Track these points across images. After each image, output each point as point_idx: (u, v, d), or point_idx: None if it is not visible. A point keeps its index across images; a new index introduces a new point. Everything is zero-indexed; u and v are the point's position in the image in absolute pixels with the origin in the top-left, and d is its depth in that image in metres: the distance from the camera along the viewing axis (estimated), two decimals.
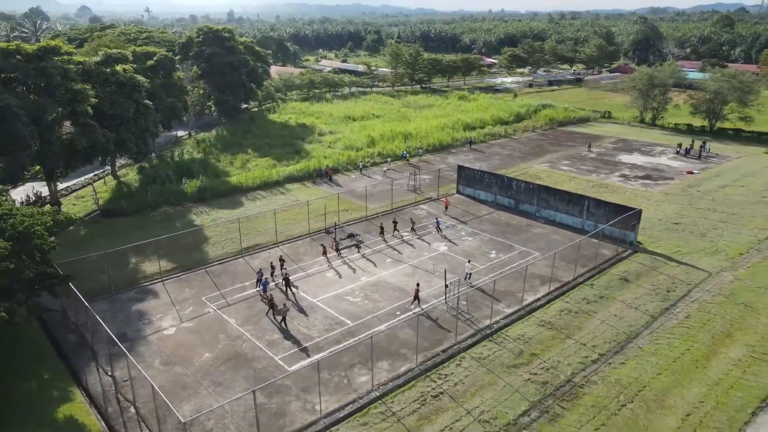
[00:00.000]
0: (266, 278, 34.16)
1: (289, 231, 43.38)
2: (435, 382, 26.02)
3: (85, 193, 54.29)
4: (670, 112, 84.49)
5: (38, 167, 48.04)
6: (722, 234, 42.63)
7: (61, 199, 51.34)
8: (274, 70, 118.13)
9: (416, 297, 32.40)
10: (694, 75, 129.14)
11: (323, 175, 57.43)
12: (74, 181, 57.09)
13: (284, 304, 31.13)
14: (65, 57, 47.20)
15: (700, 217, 46.13)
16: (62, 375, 26.65)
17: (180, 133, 78.59)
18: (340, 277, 36.27)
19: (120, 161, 61.90)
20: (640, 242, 40.68)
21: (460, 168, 52.62)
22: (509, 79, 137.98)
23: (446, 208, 46.93)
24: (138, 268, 37.30)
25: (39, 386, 25.66)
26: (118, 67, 53.98)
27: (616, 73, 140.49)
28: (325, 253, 38.76)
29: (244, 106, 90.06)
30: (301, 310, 32.17)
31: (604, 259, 38.27)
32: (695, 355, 27.83)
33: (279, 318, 30.78)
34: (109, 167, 59.77)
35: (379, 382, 25.92)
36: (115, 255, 35.04)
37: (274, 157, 64.07)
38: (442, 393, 25.20)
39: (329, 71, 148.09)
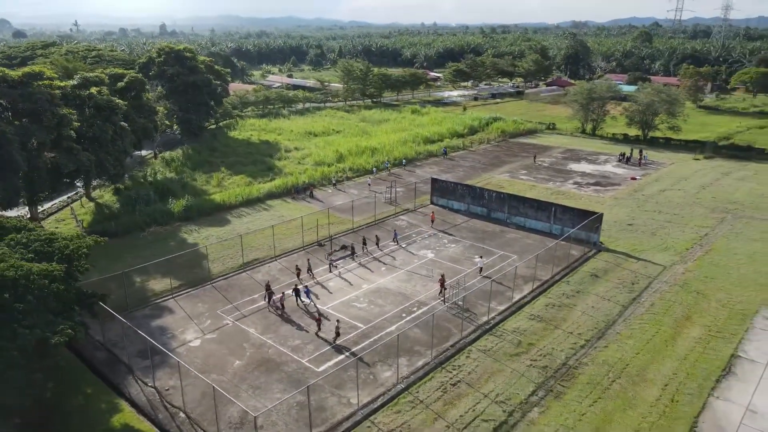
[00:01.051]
0: (306, 286, 36.77)
1: (282, 245, 45.73)
2: (450, 372, 29.42)
3: (63, 215, 54.33)
4: (608, 123, 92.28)
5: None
6: (669, 232, 48.55)
7: (41, 223, 51.37)
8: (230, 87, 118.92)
9: (442, 286, 36.80)
10: (622, 87, 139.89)
11: (301, 191, 59.87)
12: (48, 205, 56.86)
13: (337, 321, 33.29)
14: (47, 82, 47.79)
15: (649, 219, 52.07)
16: (103, 389, 28.16)
17: (144, 152, 78.67)
18: (343, 286, 39.11)
19: (93, 183, 61.93)
20: (602, 242, 45.82)
21: (434, 180, 56.60)
22: (455, 93, 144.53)
23: (432, 221, 50.23)
24: (145, 287, 38.70)
25: (86, 400, 27.14)
26: (93, 90, 54.77)
27: (553, 86, 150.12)
28: (309, 270, 40.55)
29: (207, 124, 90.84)
30: (315, 318, 34.81)
31: (575, 259, 43.03)
32: (663, 336, 32.63)
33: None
34: (83, 189, 59.80)
35: (402, 375, 29.06)
36: (121, 275, 36.43)
37: (248, 175, 65.84)
38: (459, 381, 28.63)
39: (278, 87, 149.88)
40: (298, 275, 39.30)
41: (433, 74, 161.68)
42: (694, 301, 36.61)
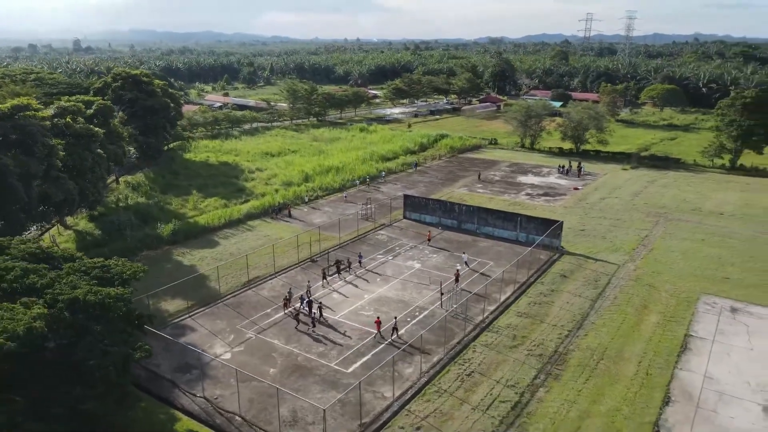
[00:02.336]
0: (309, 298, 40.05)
1: (278, 263, 48.69)
2: (463, 365, 33.94)
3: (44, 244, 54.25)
4: (544, 138, 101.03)
5: None
6: (616, 235, 55.76)
7: None
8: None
9: (457, 279, 43.13)
10: (552, 103, 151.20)
11: (279, 211, 62.72)
12: (23, 236, 56.40)
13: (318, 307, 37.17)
14: (32, 113, 48.41)
15: (596, 224, 59.24)
16: (155, 402, 30.41)
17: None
18: (346, 297, 42.80)
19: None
20: (563, 247, 52.15)
21: (406, 196, 61.33)
22: (397, 110, 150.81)
23: (429, 240, 54.27)
24: (159, 308, 40.60)
25: (144, 413, 29.33)
26: (68, 118, 55.43)
27: (486, 103, 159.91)
28: (325, 276, 44.84)
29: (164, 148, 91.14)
30: (330, 326, 38.34)
31: (543, 262, 48.94)
32: (629, 323, 38.77)
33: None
34: (57, 218, 59.66)
35: (423, 370, 33.25)
36: (145, 297, 38.38)
37: (221, 197, 67.76)
38: (472, 372, 33.20)
39: (219, 106, 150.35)
40: (308, 290, 42.46)
41: (372, 92, 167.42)
42: (648, 293, 43.26)
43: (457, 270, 44.91)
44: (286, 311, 39.67)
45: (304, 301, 39.89)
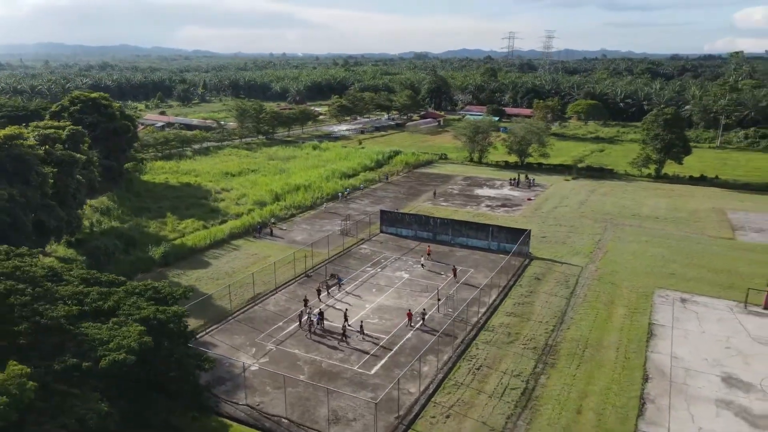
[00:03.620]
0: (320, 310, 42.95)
1: (277, 279, 51.30)
2: (470, 361, 38.31)
3: None
4: (491, 152, 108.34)
5: None
6: (574, 241, 62.39)
7: None
8: None
9: (455, 274, 49.51)
10: (486, 118, 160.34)
11: (260, 230, 64.98)
12: None
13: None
14: (21, 141, 48.69)
15: (555, 231, 65.77)
16: (201, 411, 32.61)
17: None
18: (350, 305, 46.13)
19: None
20: (531, 253, 57.97)
21: (383, 212, 65.41)
22: (343, 127, 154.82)
23: (429, 254, 57.58)
24: None
25: (195, 419, 31.47)
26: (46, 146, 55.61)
27: (429, 119, 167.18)
28: (320, 293, 47.81)
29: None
30: (342, 334, 41.63)
31: (517, 267, 54.42)
32: (602, 316, 44.66)
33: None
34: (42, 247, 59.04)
35: (437, 368, 37.33)
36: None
37: (197, 218, 68.94)
38: (480, 366, 37.64)
39: (162, 126, 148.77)
40: (305, 303, 45.40)
41: (315, 109, 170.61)
42: (612, 290, 49.58)
43: (454, 268, 52.21)
44: (304, 321, 42.48)
45: (314, 312, 42.94)
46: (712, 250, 59.82)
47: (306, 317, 42.52)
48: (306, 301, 45.31)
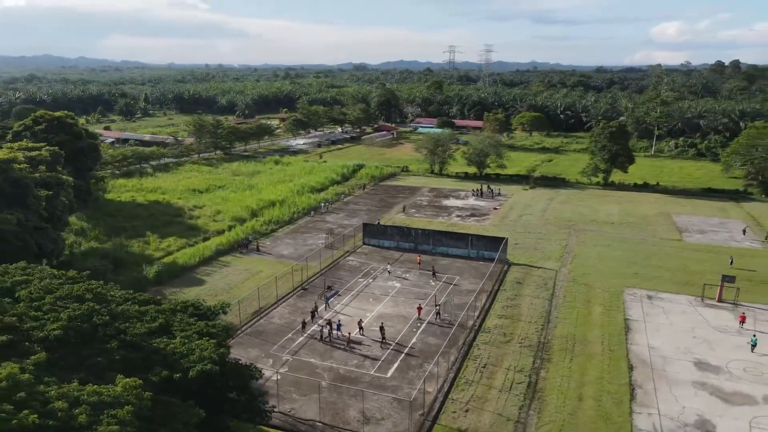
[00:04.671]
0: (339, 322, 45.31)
1: (273, 292, 53.06)
2: (476, 360, 41.78)
3: None
4: (450, 164, 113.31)
5: None
6: (544, 246, 67.41)
7: None
8: None
9: (434, 273, 54.76)
10: (434, 130, 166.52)
11: (247, 245, 66.29)
12: None
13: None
14: (18, 165, 48.49)
15: (524, 238, 70.66)
16: (260, 417, 34.30)
17: None
18: (353, 317, 48.68)
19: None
20: (509, 259, 62.39)
21: (365, 225, 68.28)
22: (301, 141, 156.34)
23: (419, 262, 60.99)
24: None
25: (256, 425, 33.08)
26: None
27: (383, 132, 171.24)
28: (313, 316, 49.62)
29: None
30: (351, 342, 44.13)
31: (499, 273, 58.60)
32: (582, 314, 49.31)
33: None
34: None
35: (447, 368, 40.55)
36: None
37: (178, 236, 69.32)
38: (486, 364, 41.17)
39: (112, 142, 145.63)
40: (313, 316, 47.68)
41: (272, 123, 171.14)
42: (586, 290, 54.53)
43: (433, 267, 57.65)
44: (324, 332, 44.72)
45: (332, 322, 45.36)
46: (665, 251, 66.31)
47: (326, 328, 44.71)
48: (314, 312, 47.56)
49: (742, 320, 46.97)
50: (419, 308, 48.69)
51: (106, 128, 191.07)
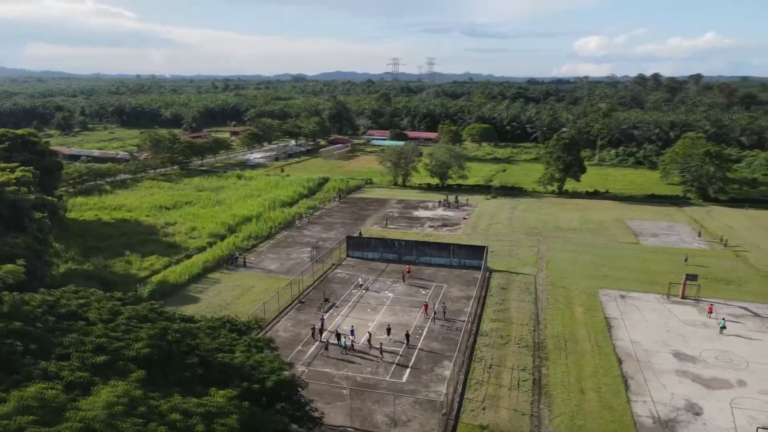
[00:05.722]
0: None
1: (271, 306, 54.11)
2: (481, 362, 44.69)
3: None
4: (413, 176, 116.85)
5: None
6: (518, 253, 71.61)
7: None
8: None
9: (404, 276, 58.03)
10: (388, 142, 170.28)
11: (234, 261, 66.71)
12: None
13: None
14: (14, 188, 47.54)
15: (498, 246, 74.65)
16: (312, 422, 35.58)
17: None
18: (356, 327, 50.54)
19: None
20: (489, 266, 66.02)
21: (348, 237, 70.19)
22: (258, 155, 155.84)
23: (408, 272, 63.23)
24: None
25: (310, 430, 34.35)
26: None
27: (338, 144, 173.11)
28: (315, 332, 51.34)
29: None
30: (361, 351, 46.06)
31: (482, 280, 62.02)
32: (567, 315, 53.35)
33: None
34: None
35: (457, 371, 43.24)
36: None
37: (159, 255, 68.69)
38: (491, 365, 44.16)
39: (60, 158, 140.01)
40: (320, 331, 49.18)
41: (231, 138, 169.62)
42: (566, 292, 58.80)
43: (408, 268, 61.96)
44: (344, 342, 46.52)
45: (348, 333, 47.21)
46: (626, 254, 72.00)
47: (347, 338, 46.47)
48: (322, 325, 49.16)
49: (710, 311, 52.58)
50: (425, 305, 53.07)
51: (46, 143, 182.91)
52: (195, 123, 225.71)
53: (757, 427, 34.69)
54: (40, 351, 22.53)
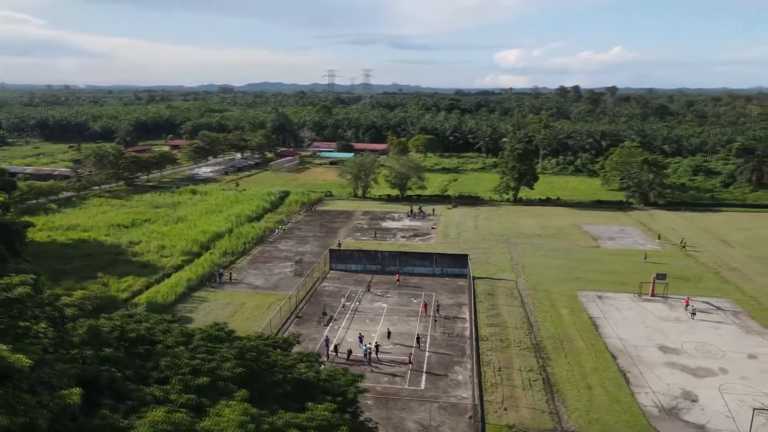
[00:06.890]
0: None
1: (276, 321, 53.85)
2: (489, 365, 46.71)
3: None
4: (374, 187, 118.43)
5: None
6: (493, 260, 74.67)
7: None
8: None
9: (368, 288, 59.71)
10: (335, 154, 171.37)
11: (218, 278, 65.43)
12: None
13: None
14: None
15: (474, 254, 77.31)
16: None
17: None
18: (359, 337, 51.26)
19: None
20: (471, 274, 68.53)
21: (331, 250, 70.65)
22: (208, 169, 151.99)
23: (398, 280, 64.52)
24: None
25: None
26: None
27: (288, 157, 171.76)
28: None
29: None
30: (373, 361, 46.89)
31: (470, 287, 64.35)
32: (555, 317, 56.53)
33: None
34: None
35: (470, 375, 45.02)
36: None
37: (135, 276, 66.20)
38: (501, 367, 46.28)
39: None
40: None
41: (176, 152, 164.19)
42: (546, 296, 62.17)
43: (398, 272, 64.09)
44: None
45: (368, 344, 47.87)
46: (591, 257, 76.86)
47: (371, 349, 47.04)
48: (327, 339, 49.51)
49: (687, 304, 57.75)
50: (425, 304, 56.07)
51: None
52: (128, 137, 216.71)
53: (754, 408, 38.64)
54: (135, 376, 22.15)
